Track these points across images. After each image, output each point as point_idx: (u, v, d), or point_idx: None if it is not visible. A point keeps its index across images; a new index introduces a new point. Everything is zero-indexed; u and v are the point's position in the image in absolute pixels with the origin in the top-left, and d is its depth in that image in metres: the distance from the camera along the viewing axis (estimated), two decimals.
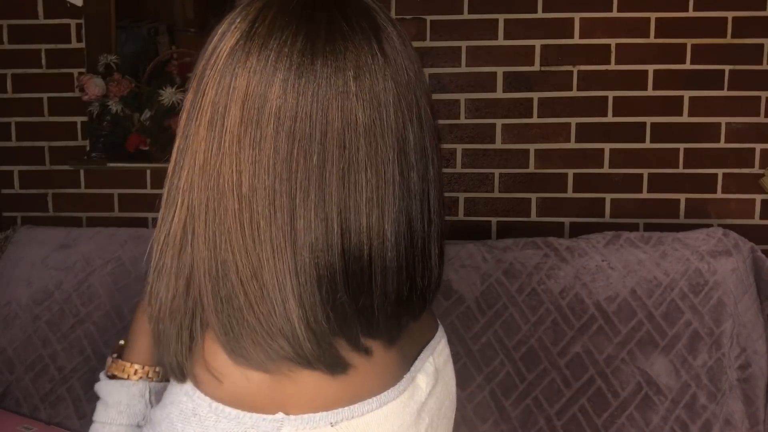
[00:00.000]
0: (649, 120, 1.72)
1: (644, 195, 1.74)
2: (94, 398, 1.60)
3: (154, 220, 1.81)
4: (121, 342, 0.72)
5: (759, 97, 1.69)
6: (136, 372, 0.67)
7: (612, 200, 1.75)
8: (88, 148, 1.78)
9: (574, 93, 1.72)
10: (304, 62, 0.50)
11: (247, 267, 0.50)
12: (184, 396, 0.52)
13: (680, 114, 1.71)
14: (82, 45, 1.77)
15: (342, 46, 0.51)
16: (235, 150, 0.50)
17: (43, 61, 1.79)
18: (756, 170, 1.72)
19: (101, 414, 0.66)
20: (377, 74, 0.52)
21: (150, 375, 0.68)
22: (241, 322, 0.50)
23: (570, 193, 1.75)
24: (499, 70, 1.73)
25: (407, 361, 0.61)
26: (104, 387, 0.68)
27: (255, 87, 0.50)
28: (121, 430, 0.65)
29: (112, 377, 0.69)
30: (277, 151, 0.49)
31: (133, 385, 0.66)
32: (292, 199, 0.49)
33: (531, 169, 1.75)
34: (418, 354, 0.64)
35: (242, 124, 0.49)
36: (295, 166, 0.49)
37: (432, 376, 0.64)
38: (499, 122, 1.74)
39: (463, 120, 1.75)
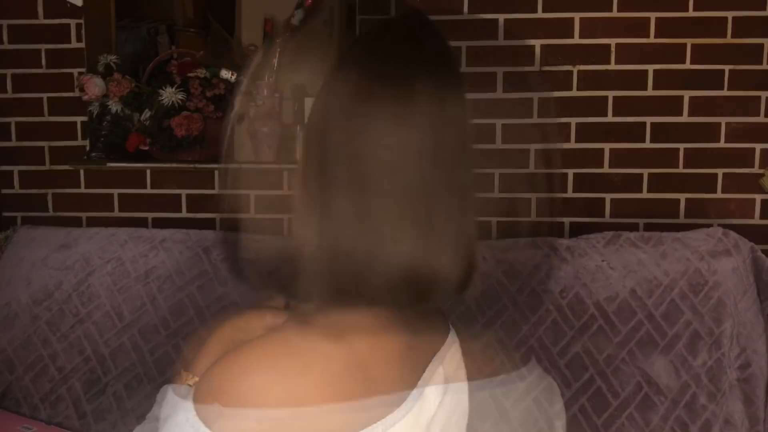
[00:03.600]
0: (649, 120, 1.72)
1: (644, 195, 1.74)
2: (94, 398, 1.60)
3: (154, 219, 1.82)
4: None
5: (759, 97, 1.69)
6: (186, 379, 0.71)
7: (612, 200, 1.75)
8: (88, 148, 1.77)
9: (574, 93, 1.72)
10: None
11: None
12: (189, 428, 0.52)
13: (680, 114, 1.71)
14: (82, 45, 1.77)
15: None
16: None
17: (43, 61, 1.79)
18: (756, 170, 1.71)
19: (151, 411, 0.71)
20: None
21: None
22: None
23: (570, 193, 1.75)
24: (499, 70, 1.73)
25: (413, 376, 0.60)
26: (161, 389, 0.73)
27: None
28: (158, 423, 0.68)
29: None
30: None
31: (177, 387, 0.70)
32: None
33: (531, 169, 1.75)
34: (426, 366, 0.63)
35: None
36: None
37: (441, 388, 0.63)
38: (500, 122, 1.74)
39: None
